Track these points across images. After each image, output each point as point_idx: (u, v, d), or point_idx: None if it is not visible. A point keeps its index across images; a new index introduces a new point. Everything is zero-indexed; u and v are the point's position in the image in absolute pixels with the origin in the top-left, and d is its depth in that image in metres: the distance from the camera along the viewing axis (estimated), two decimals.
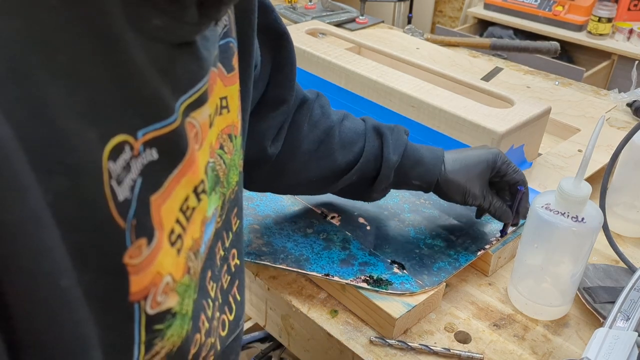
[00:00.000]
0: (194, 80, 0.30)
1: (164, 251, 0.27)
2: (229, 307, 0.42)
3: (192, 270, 0.31)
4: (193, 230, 0.31)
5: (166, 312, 0.29)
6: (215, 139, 0.36)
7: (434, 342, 0.60)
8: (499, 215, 0.67)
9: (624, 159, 0.75)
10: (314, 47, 1.02)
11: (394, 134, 0.64)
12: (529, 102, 0.85)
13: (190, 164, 0.29)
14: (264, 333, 1.30)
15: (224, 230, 0.40)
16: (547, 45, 1.36)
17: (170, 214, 0.28)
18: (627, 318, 0.54)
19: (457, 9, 3.11)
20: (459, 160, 0.65)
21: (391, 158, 0.62)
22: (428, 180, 0.64)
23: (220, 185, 0.37)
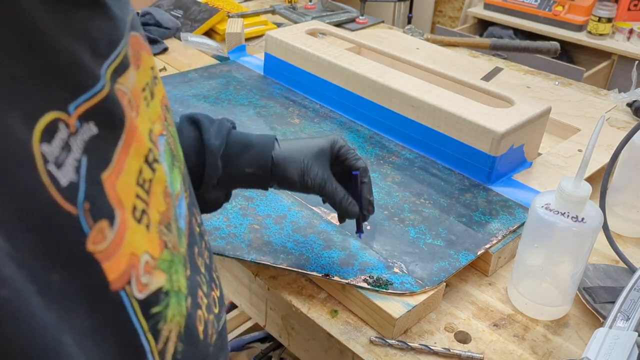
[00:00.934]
0: (113, 43, 0.27)
1: (131, 230, 0.26)
2: (215, 283, 0.41)
3: (169, 244, 0.30)
4: (157, 203, 0.29)
5: (158, 293, 0.28)
6: (161, 110, 0.34)
7: (434, 342, 0.60)
8: (344, 209, 0.59)
9: (624, 159, 0.75)
10: (314, 47, 1.02)
11: (215, 122, 0.58)
12: (529, 102, 0.85)
13: (132, 132, 0.27)
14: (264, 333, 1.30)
15: (193, 206, 0.39)
16: (547, 45, 1.36)
17: (127, 189, 0.26)
18: (627, 318, 0.54)
19: (457, 9, 3.11)
20: (294, 142, 0.59)
21: (213, 143, 0.55)
22: (261, 163, 0.57)
23: (176, 159, 0.36)
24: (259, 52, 1.24)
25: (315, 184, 0.57)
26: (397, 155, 0.88)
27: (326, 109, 1.01)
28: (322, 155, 0.58)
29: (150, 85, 0.33)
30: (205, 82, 1.08)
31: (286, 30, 1.10)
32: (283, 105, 1.01)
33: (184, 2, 1.46)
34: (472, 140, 0.81)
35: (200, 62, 1.21)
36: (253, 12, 1.51)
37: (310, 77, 1.03)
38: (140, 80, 0.31)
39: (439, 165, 0.86)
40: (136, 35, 0.32)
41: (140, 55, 0.31)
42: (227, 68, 1.15)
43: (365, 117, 0.95)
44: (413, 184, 0.80)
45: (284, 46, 1.06)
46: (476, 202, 0.77)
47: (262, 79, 1.11)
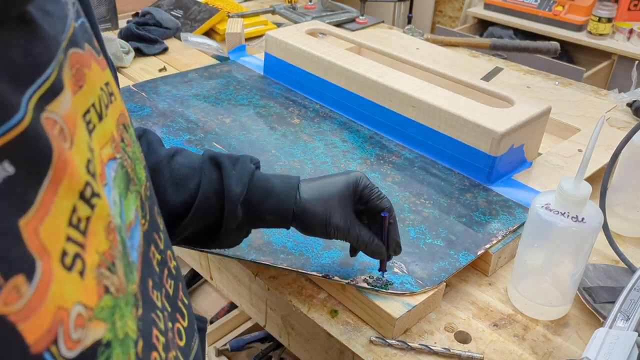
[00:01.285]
0: (40, 66, 0.25)
1: (58, 280, 0.23)
2: (180, 313, 0.38)
3: (112, 287, 0.27)
4: (96, 243, 0.26)
5: (95, 346, 0.25)
6: (116, 131, 0.32)
7: (434, 342, 0.60)
8: (370, 250, 0.58)
9: (624, 159, 0.75)
10: (314, 47, 1.02)
11: (238, 164, 0.55)
12: (529, 102, 0.85)
13: (63, 167, 0.24)
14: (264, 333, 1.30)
15: (153, 232, 0.36)
16: (547, 45, 1.36)
17: (55, 233, 0.23)
18: (627, 318, 0.54)
19: (457, 9, 3.10)
20: (316, 188, 0.56)
21: (234, 190, 0.53)
22: (282, 212, 0.55)
23: (132, 183, 0.33)
24: (259, 52, 1.24)
25: (339, 233, 0.56)
26: (397, 155, 0.88)
27: (326, 109, 1.01)
28: (345, 198, 0.56)
29: (99, 106, 0.30)
30: (205, 82, 1.08)
31: (286, 30, 1.10)
32: (283, 105, 1.01)
33: (184, 2, 1.46)
34: (472, 140, 0.81)
35: (200, 62, 1.21)
36: (253, 12, 1.51)
37: (310, 77, 1.03)
38: (80, 103, 0.28)
39: (439, 165, 0.86)
40: (78, 52, 0.29)
41: (83, 74, 0.29)
42: (227, 68, 1.15)
43: (365, 117, 0.95)
44: (413, 184, 0.80)
45: (284, 46, 1.06)
46: (476, 202, 0.77)
47: (262, 79, 1.11)
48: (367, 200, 0.57)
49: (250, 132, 0.91)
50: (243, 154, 0.57)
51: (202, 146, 0.86)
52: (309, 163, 0.84)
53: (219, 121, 0.94)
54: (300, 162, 0.84)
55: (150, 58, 1.23)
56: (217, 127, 0.92)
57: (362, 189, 0.57)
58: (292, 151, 0.86)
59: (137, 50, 1.23)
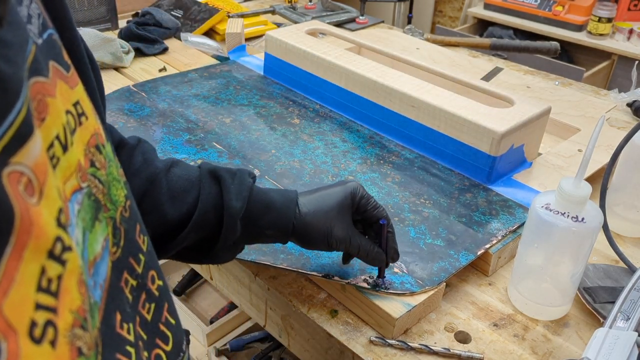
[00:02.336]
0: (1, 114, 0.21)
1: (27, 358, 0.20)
2: (161, 337, 0.36)
3: (85, 348, 0.25)
4: (69, 302, 0.24)
5: None
6: (84, 157, 0.29)
7: (434, 342, 0.60)
8: (370, 259, 0.58)
9: (624, 159, 0.75)
10: (314, 47, 1.02)
11: (236, 178, 0.54)
12: (529, 102, 0.86)
13: (27, 229, 0.22)
14: (264, 333, 1.30)
15: (129, 257, 0.34)
16: (547, 45, 1.36)
17: (22, 305, 0.21)
18: (627, 318, 0.54)
19: (457, 9, 3.10)
20: (315, 201, 0.56)
21: (234, 205, 0.52)
22: (282, 227, 0.55)
23: (104, 210, 0.31)
24: (259, 52, 1.24)
25: (340, 245, 0.57)
26: (397, 155, 0.88)
27: (326, 109, 1.01)
28: (343, 210, 0.57)
29: (63, 137, 0.27)
30: (205, 82, 1.08)
31: (286, 30, 1.10)
32: (283, 105, 1.01)
33: (184, 2, 1.46)
34: (472, 140, 0.81)
35: (200, 62, 1.21)
36: (253, 12, 1.51)
37: (310, 77, 1.03)
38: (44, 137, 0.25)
39: (439, 165, 0.86)
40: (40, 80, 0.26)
41: (45, 105, 0.25)
42: (227, 68, 1.15)
43: (365, 117, 0.95)
44: (413, 184, 0.80)
45: (284, 46, 1.06)
46: (476, 202, 0.77)
47: (262, 79, 1.11)
48: (364, 210, 0.58)
49: (250, 132, 0.91)
50: (240, 168, 0.57)
51: (202, 146, 0.86)
52: (309, 163, 0.84)
53: (219, 121, 0.94)
54: (300, 162, 0.84)
55: (150, 58, 1.23)
56: (217, 127, 0.92)
57: (359, 199, 0.57)
58: (292, 151, 0.86)
59: (137, 50, 1.23)
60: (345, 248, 0.57)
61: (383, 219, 0.57)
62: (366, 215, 0.58)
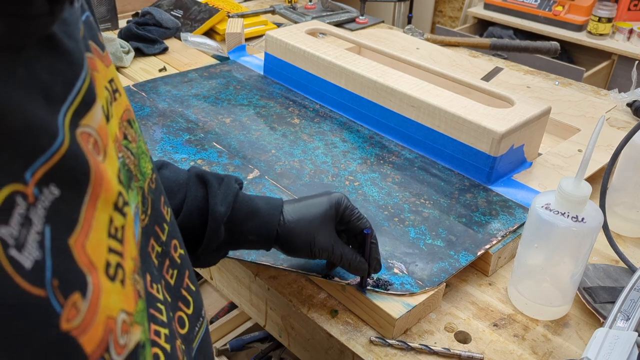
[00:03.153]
0: (70, 82, 0.25)
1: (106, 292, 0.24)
2: (184, 301, 0.39)
3: (141, 292, 0.28)
4: (130, 250, 0.27)
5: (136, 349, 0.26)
6: (118, 129, 0.31)
7: (434, 342, 0.60)
8: (353, 268, 0.59)
9: (624, 159, 0.75)
10: (314, 47, 1.02)
11: (223, 184, 0.55)
12: (529, 102, 0.85)
13: (99, 182, 0.25)
14: (264, 333, 1.30)
15: (155, 225, 0.36)
16: (547, 45, 1.36)
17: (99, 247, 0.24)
18: (627, 318, 0.54)
19: (457, 9, 3.10)
20: (299, 209, 0.57)
21: (218, 210, 0.53)
22: (265, 233, 0.55)
23: (135, 180, 0.33)
24: (259, 52, 1.24)
25: (323, 253, 0.57)
26: (397, 155, 0.88)
27: (326, 109, 1.01)
28: (327, 220, 0.57)
29: (106, 109, 0.29)
30: (205, 82, 1.08)
31: (286, 30, 1.10)
32: (283, 105, 1.01)
33: (184, 2, 1.46)
34: (472, 140, 0.81)
35: (200, 62, 1.21)
36: (253, 12, 1.51)
37: (310, 77, 1.03)
38: None
39: (439, 165, 0.86)
40: (89, 55, 0.28)
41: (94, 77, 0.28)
42: (227, 68, 1.15)
43: (365, 117, 0.95)
44: (413, 184, 0.80)
45: (284, 46, 1.06)
46: (476, 202, 0.77)
47: (262, 79, 1.11)
48: (347, 221, 0.58)
49: (250, 132, 0.91)
50: (227, 174, 0.57)
51: (202, 146, 0.86)
52: (309, 163, 0.84)
53: (219, 121, 0.94)
54: (300, 162, 0.84)
55: (150, 58, 1.23)
56: (217, 127, 0.92)
57: (343, 209, 0.58)
58: (292, 151, 0.86)
59: (137, 50, 1.23)
60: (328, 256, 0.58)
61: (367, 229, 0.58)
62: (350, 225, 0.58)
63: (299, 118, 0.97)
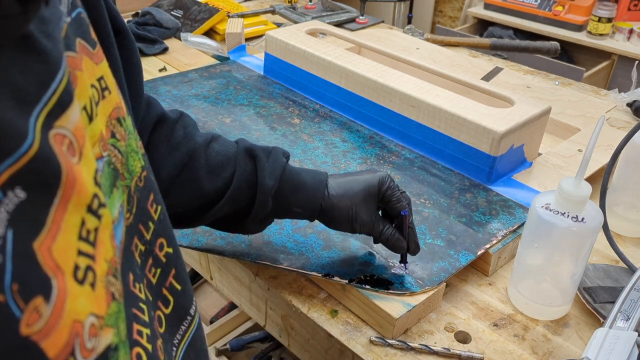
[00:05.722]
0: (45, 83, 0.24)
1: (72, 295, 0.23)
2: (163, 300, 0.39)
3: (116, 294, 0.28)
4: (104, 252, 0.27)
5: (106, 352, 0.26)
6: (105, 128, 0.31)
7: (434, 342, 0.60)
8: (391, 244, 0.61)
9: (624, 159, 0.75)
10: (314, 47, 1.02)
11: (271, 157, 0.57)
12: (529, 102, 0.85)
13: (72, 184, 0.24)
14: (264, 333, 1.30)
15: (139, 224, 0.36)
16: (547, 45, 1.36)
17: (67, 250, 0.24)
18: (627, 318, 0.54)
19: (457, 9, 3.10)
20: (343, 185, 0.59)
21: (267, 183, 0.55)
22: (310, 206, 0.58)
23: (121, 178, 0.33)
24: (259, 52, 1.24)
25: (364, 229, 0.60)
26: (397, 155, 0.88)
27: (326, 109, 1.01)
28: (370, 197, 0.59)
29: (89, 108, 0.29)
30: (205, 82, 1.08)
31: (286, 30, 1.10)
32: (283, 105, 1.01)
33: (184, 2, 1.46)
34: (472, 140, 0.81)
35: (200, 62, 1.21)
36: (253, 12, 1.51)
37: (310, 77, 1.03)
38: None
39: (439, 165, 0.86)
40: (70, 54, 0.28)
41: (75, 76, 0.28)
42: (227, 68, 1.15)
43: (365, 117, 0.95)
44: (413, 184, 0.80)
45: (284, 46, 1.06)
46: (476, 202, 0.77)
47: (262, 79, 1.11)
48: (388, 201, 0.60)
49: (250, 132, 0.91)
50: (275, 147, 0.60)
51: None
52: (309, 163, 0.83)
53: (219, 121, 0.94)
54: (300, 162, 0.84)
55: (150, 58, 1.23)
56: (217, 127, 0.92)
57: (385, 189, 0.60)
58: (292, 151, 0.86)
59: None
60: (368, 231, 0.60)
61: (405, 210, 0.60)
62: (390, 205, 0.60)
63: (299, 118, 0.97)
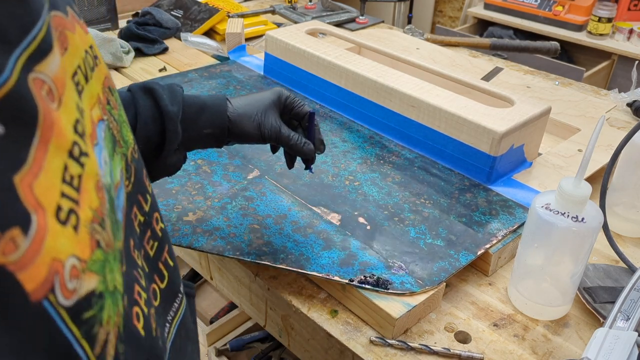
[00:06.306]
0: (25, 27, 0.25)
1: (52, 234, 0.24)
2: (159, 274, 0.40)
3: (103, 243, 0.28)
4: (89, 200, 0.28)
5: (90, 296, 0.26)
6: (102, 93, 0.33)
7: (434, 342, 0.60)
8: (299, 149, 0.63)
9: (624, 159, 0.75)
10: (314, 47, 1.02)
11: (166, 88, 0.59)
12: (529, 102, 0.85)
13: (50, 127, 0.25)
14: (264, 333, 1.30)
15: (138, 194, 0.37)
16: (547, 45, 1.36)
17: (49, 190, 0.25)
18: (627, 318, 0.54)
19: (457, 9, 3.11)
20: (244, 99, 0.63)
21: (171, 110, 0.57)
22: (218, 122, 0.60)
23: (118, 145, 0.34)
24: (259, 52, 1.24)
25: (272, 133, 0.62)
26: (397, 155, 0.88)
27: (326, 109, 1.01)
28: (272, 106, 0.63)
29: (84, 68, 0.31)
30: (205, 82, 1.08)
31: (286, 30, 1.10)
32: None
33: (184, 2, 1.46)
34: (472, 140, 0.81)
35: (200, 62, 1.21)
36: (253, 12, 1.51)
37: (310, 77, 1.03)
38: (67, 65, 0.29)
39: (439, 165, 0.86)
40: (59, 15, 0.29)
41: (65, 36, 0.29)
42: (227, 68, 1.15)
43: (365, 117, 0.95)
44: (413, 184, 0.80)
45: (284, 46, 1.06)
46: (476, 202, 0.77)
47: (262, 79, 1.11)
48: (291, 108, 0.64)
49: None
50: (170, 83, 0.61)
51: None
52: None
53: None
54: (300, 162, 0.84)
55: (150, 58, 1.23)
56: None
57: (285, 98, 0.64)
58: None
59: (137, 50, 1.23)
60: (277, 137, 0.62)
61: (312, 110, 0.64)
62: (294, 112, 0.64)
63: None
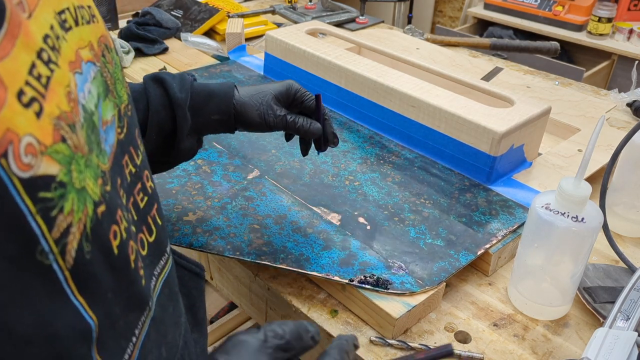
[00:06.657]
0: None
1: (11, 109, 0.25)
2: (147, 227, 0.40)
3: (70, 142, 0.29)
4: (57, 100, 0.28)
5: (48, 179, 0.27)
6: (97, 45, 0.34)
7: (434, 342, 0.60)
8: (306, 129, 0.64)
9: (624, 159, 0.75)
10: (314, 47, 1.02)
11: (176, 76, 0.62)
12: (529, 102, 0.86)
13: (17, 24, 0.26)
14: None
15: (130, 145, 0.38)
16: (547, 45, 1.36)
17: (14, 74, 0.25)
18: (627, 318, 0.54)
19: (457, 9, 3.11)
20: (252, 87, 0.64)
21: (179, 97, 0.59)
22: (225, 109, 0.62)
23: (111, 94, 0.36)
24: (259, 52, 1.24)
25: (277, 120, 0.63)
26: (397, 155, 0.88)
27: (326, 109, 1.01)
28: (279, 97, 0.63)
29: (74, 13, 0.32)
30: (205, 82, 1.08)
31: (286, 30, 1.10)
32: None
33: (184, 2, 1.46)
34: (472, 140, 0.81)
35: (200, 62, 1.21)
36: (253, 12, 1.51)
37: (310, 77, 1.03)
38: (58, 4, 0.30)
39: (439, 165, 0.86)
40: None
41: None
42: (227, 68, 1.15)
43: (365, 117, 0.95)
44: (413, 184, 0.80)
45: (284, 46, 1.06)
46: (476, 202, 0.77)
47: (262, 79, 1.11)
48: (301, 101, 0.64)
49: None
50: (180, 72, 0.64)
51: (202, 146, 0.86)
52: (309, 163, 0.84)
53: None
54: (300, 162, 0.84)
55: (150, 58, 1.23)
56: None
57: (294, 91, 0.64)
58: (292, 151, 0.86)
59: (137, 50, 1.23)
60: (283, 123, 0.63)
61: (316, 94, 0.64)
62: (305, 105, 0.64)
63: None
